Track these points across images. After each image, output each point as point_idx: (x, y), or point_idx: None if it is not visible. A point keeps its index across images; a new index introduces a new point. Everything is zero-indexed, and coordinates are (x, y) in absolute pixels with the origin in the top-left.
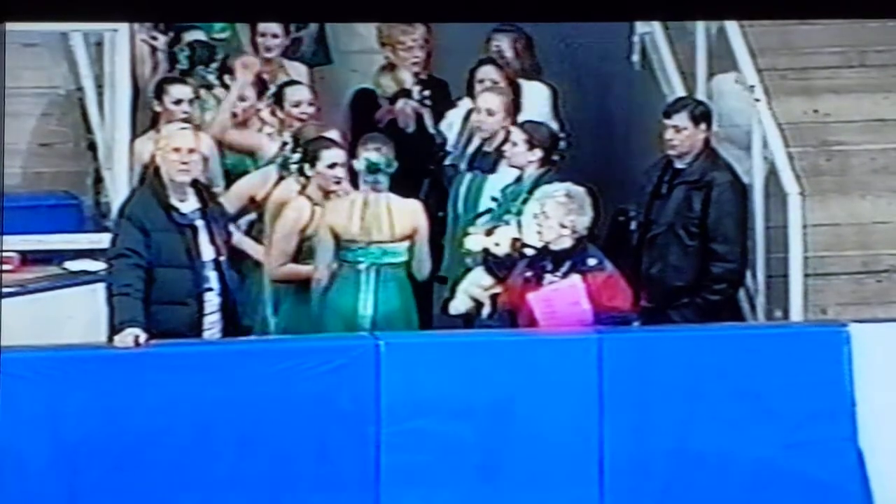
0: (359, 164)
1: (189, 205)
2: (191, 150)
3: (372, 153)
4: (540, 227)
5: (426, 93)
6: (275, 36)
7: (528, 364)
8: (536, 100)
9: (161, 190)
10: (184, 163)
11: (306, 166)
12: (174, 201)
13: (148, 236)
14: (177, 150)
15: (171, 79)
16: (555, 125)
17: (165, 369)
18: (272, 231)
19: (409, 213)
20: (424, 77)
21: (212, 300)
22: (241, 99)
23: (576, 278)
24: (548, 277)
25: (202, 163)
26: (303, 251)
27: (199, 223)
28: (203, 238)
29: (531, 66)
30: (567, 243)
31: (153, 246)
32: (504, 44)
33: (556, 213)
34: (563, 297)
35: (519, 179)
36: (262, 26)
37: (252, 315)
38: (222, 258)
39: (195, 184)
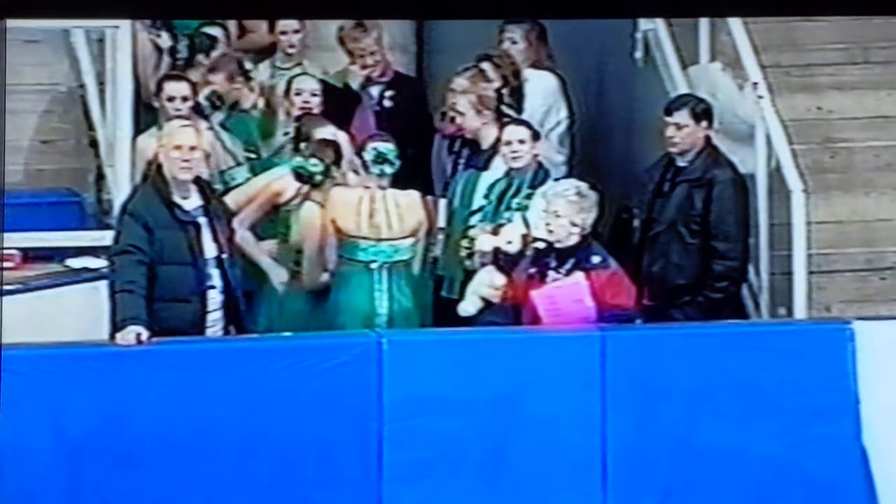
0: (367, 155)
1: (192, 202)
2: (192, 148)
3: (380, 143)
4: (550, 225)
5: (389, 93)
6: (296, 32)
7: (532, 361)
8: (541, 89)
9: (164, 187)
10: (185, 160)
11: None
12: (177, 198)
13: (151, 233)
14: (178, 147)
15: (170, 76)
16: (564, 112)
17: (168, 367)
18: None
19: (414, 206)
20: (388, 79)
21: (214, 298)
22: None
23: (579, 276)
24: (552, 275)
25: (204, 159)
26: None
27: (202, 220)
28: (206, 235)
29: (545, 55)
30: (573, 241)
31: (156, 243)
32: (517, 34)
33: (568, 212)
34: (566, 295)
35: (507, 175)
36: (281, 24)
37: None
38: (225, 256)
39: (198, 181)
